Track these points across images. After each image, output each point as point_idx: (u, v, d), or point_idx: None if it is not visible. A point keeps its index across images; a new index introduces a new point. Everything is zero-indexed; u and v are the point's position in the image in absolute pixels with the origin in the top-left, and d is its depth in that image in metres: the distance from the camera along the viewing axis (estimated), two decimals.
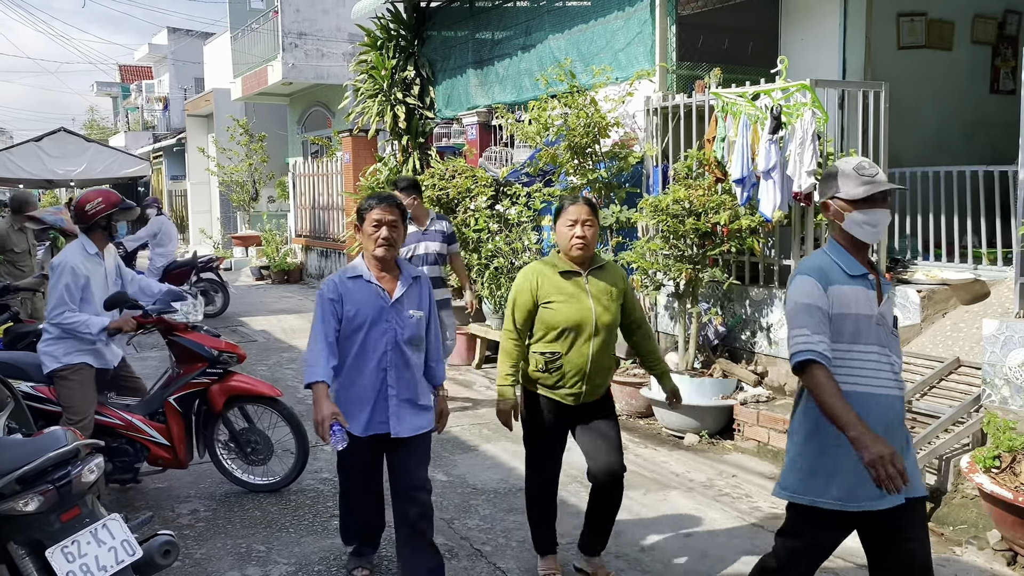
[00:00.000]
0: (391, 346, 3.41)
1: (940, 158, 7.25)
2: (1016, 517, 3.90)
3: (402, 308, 3.45)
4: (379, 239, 3.40)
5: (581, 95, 7.17)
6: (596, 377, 3.61)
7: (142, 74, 33.17)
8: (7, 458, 2.81)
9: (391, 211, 3.42)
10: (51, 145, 15.84)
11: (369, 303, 3.40)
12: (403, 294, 3.46)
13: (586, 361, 3.56)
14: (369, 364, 3.40)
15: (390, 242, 3.41)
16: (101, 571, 2.84)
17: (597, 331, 3.55)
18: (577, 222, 3.54)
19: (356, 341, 3.40)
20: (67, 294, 4.42)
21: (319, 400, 3.25)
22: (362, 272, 3.45)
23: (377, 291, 3.42)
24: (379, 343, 3.40)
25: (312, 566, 4.04)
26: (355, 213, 3.49)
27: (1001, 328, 4.69)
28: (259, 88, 18.35)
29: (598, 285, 3.60)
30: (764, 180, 5.72)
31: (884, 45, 7.50)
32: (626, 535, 4.35)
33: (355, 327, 3.39)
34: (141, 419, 4.73)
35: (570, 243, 3.55)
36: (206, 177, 21.10)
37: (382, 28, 11.59)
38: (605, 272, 3.66)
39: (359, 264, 3.48)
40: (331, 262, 15.46)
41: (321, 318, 3.40)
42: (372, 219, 3.40)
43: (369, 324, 3.39)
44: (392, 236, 3.41)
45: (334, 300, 3.40)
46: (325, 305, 3.40)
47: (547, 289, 3.56)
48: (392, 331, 3.41)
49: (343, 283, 3.44)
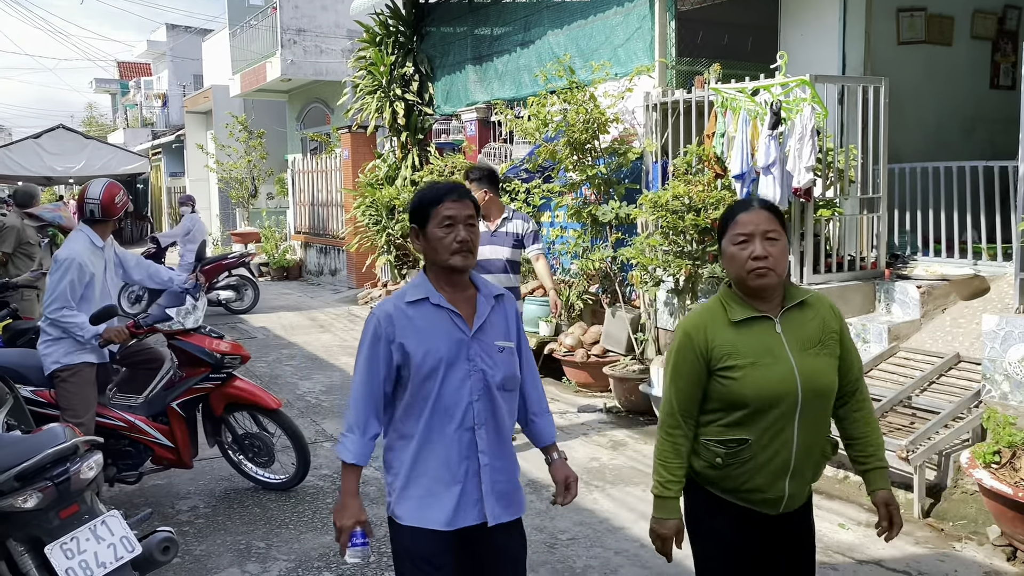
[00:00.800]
0: (479, 394, 2.42)
1: (940, 153, 7.24)
2: (1016, 512, 3.90)
3: (486, 340, 2.46)
4: (454, 243, 2.40)
5: (580, 91, 7.16)
6: (805, 470, 2.43)
7: (141, 71, 33.12)
8: (6, 455, 2.81)
9: (466, 205, 2.44)
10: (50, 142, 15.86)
11: (442, 338, 2.40)
12: (486, 320, 2.47)
13: (790, 449, 2.36)
14: (451, 423, 2.41)
15: (468, 247, 2.42)
16: (100, 568, 2.84)
17: (805, 403, 2.34)
18: (753, 236, 2.32)
19: (429, 394, 2.39)
20: (70, 291, 4.32)
21: (346, 494, 2.40)
22: (427, 293, 2.43)
23: (451, 319, 2.42)
24: (461, 392, 2.41)
25: (311, 562, 4.04)
26: (411, 210, 2.50)
27: (1001, 324, 4.68)
28: (258, 84, 18.34)
29: (799, 332, 2.38)
30: (764, 176, 5.71)
31: (884, 40, 7.49)
32: (625, 531, 4.35)
33: (426, 374, 2.38)
34: (144, 420, 4.67)
35: (746, 269, 2.33)
36: (205, 174, 21.07)
37: (381, 24, 11.57)
38: (807, 311, 2.42)
39: (420, 283, 2.47)
40: (330, 259, 15.45)
41: (366, 365, 2.41)
42: (442, 216, 2.40)
43: (445, 368, 2.39)
44: (471, 239, 2.43)
45: (388, 339, 2.39)
46: (374, 346, 2.41)
47: (722, 348, 2.36)
48: (479, 373, 2.42)
49: (401, 313, 2.41)
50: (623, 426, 6.25)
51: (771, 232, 2.33)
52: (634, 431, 6.15)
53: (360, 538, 2.39)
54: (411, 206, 2.52)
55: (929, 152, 7.39)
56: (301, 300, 13.26)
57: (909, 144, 7.46)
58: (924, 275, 6.19)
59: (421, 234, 2.46)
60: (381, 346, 2.39)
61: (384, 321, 2.41)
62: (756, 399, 2.32)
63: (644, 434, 6.10)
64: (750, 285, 2.35)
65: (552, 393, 7.14)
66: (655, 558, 4.06)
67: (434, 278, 2.47)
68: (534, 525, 4.38)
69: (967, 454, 4.32)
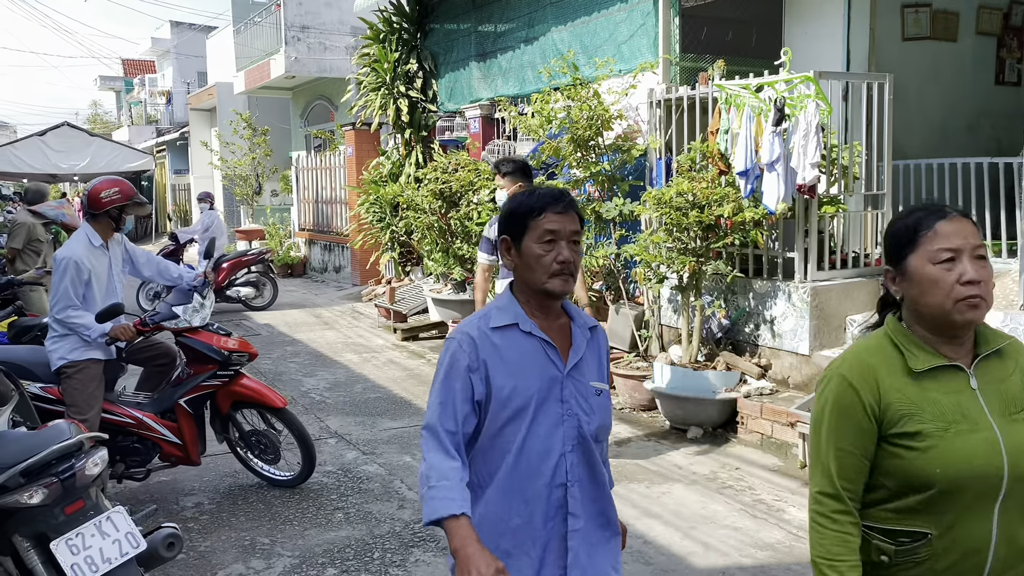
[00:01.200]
0: (572, 444, 2.03)
1: (944, 150, 7.22)
2: None
3: (582, 379, 2.07)
4: (554, 264, 2.00)
5: (584, 88, 7.16)
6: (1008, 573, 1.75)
7: (145, 68, 33.19)
8: (12, 451, 2.82)
9: (572, 218, 2.04)
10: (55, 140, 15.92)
11: (533, 372, 2.02)
12: (582, 357, 2.09)
13: (987, 549, 1.71)
14: (538, 478, 2.02)
15: (570, 269, 2.03)
16: (105, 563, 2.85)
17: (1010, 488, 1.70)
18: (962, 253, 1.71)
19: (511, 440, 2.01)
20: (72, 290, 4.35)
21: (465, 546, 1.85)
22: (516, 318, 2.05)
23: (544, 351, 2.04)
24: (552, 441, 2.02)
25: (316, 559, 4.05)
26: (505, 218, 2.10)
27: (1005, 320, 4.67)
28: (262, 82, 18.35)
29: (1000, 389, 1.76)
30: (768, 172, 5.71)
31: (888, 36, 7.47)
32: (629, 527, 4.35)
33: (511, 415, 2.00)
34: (152, 417, 4.68)
35: (954, 298, 1.70)
36: (209, 171, 21.10)
37: (384, 21, 11.57)
38: (1007, 361, 1.80)
39: (507, 305, 2.08)
40: (334, 256, 15.47)
41: (446, 397, 1.99)
42: (543, 230, 2.01)
43: (535, 409, 2.00)
44: (574, 259, 2.03)
45: (470, 367, 1.99)
46: (452, 375, 2.00)
47: (899, 404, 1.73)
48: (573, 419, 2.03)
49: (486, 339, 2.02)
50: (627, 422, 6.25)
51: (981, 249, 1.72)
52: (637, 428, 6.15)
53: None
54: (505, 213, 2.11)
55: (934, 148, 7.37)
56: (305, 297, 13.28)
57: (914, 140, 7.44)
58: None
59: (514, 247, 2.07)
60: (462, 375, 1.99)
61: (466, 345, 2.01)
62: (946, 480, 1.68)
63: (648, 431, 6.10)
64: (956, 320, 1.70)
65: None
66: (658, 555, 4.07)
67: (524, 301, 2.08)
68: None
69: None
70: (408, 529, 4.36)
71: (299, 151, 18.93)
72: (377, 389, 7.37)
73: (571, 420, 2.03)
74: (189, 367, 4.78)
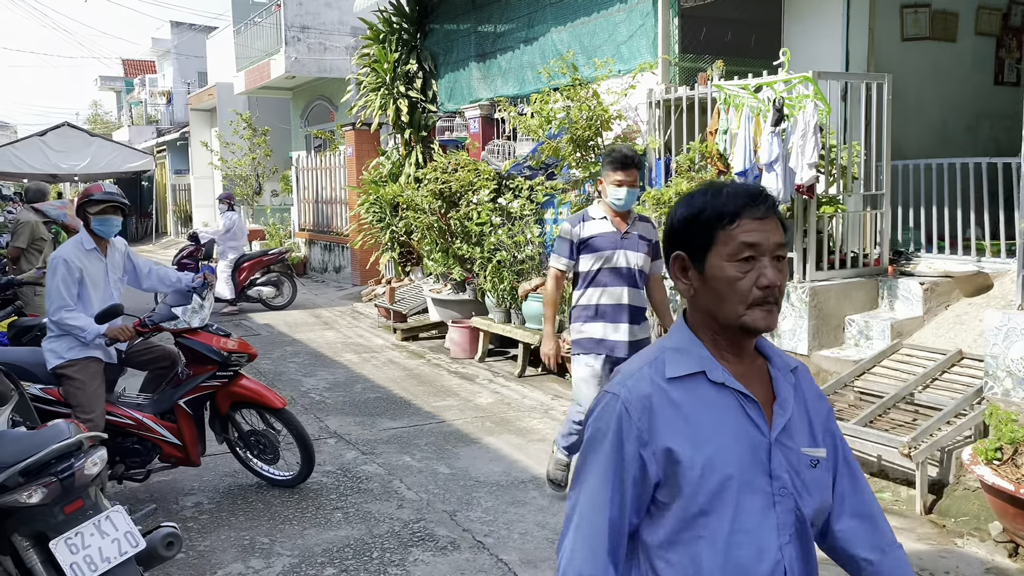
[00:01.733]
0: (791, 533, 1.49)
1: (944, 150, 7.23)
2: (1017, 509, 3.90)
3: (793, 445, 1.51)
4: (755, 290, 1.47)
5: (583, 88, 7.17)
6: None
7: (145, 68, 33.21)
8: (11, 451, 2.83)
9: (775, 226, 1.49)
10: (55, 140, 15.93)
11: (729, 438, 1.46)
12: (791, 417, 1.52)
13: None
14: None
15: (775, 296, 1.48)
16: (105, 562, 2.86)
17: None
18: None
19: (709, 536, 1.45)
20: (64, 289, 4.35)
21: None
22: (702, 364, 1.50)
23: (742, 408, 1.49)
24: (763, 532, 1.46)
25: (315, 558, 4.05)
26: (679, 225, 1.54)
27: (1004, 320, 4.68)
28: (262, 82, 18.36)
29: None
30: (766, 172, 5.71)
31: (888, 37, 7.48)
32: None
33: (707, 499, 1.45)
34: (152, 418, 4.68)
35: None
36: (209, 171, 21.13)
37: (384, 21, 11.58)
38: None
39: (687, 345, 1.53)
40: (334, 256, 15.48)
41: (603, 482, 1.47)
42: (739, 243, 1.46)
43: (738, 490, 1.45)
44: (780, 283, 1.48)
45: (641, 440, 1.45)
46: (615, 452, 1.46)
47: None
48: (788, 500, 1.48)
49: (662, 396, 1.47)
50: None
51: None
52: None
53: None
54: (680, 218, 1.54)
55: (933, 148, 7.38)
56: (305, 297, 13.28)
57: (913, 141, 7.45)
58: (927, 272, 6.18)
59: (692, 268, 1.52)
60: (627, 452, 1.44)
61: (637, 410, 1.45)
62: None
63: None
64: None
65: (556, 391, 7.15)
66: None
67: (711, 339, 1.52)
68: (536, 521, 4.40)
69: (969, 451, 4.32)
70: (407, 529, 4.36)
71: (299, 151, 18.94)
72: (377, 389, 7.37)
73: (786, 502, 1.47)
74: (188, 368, 4.79)
